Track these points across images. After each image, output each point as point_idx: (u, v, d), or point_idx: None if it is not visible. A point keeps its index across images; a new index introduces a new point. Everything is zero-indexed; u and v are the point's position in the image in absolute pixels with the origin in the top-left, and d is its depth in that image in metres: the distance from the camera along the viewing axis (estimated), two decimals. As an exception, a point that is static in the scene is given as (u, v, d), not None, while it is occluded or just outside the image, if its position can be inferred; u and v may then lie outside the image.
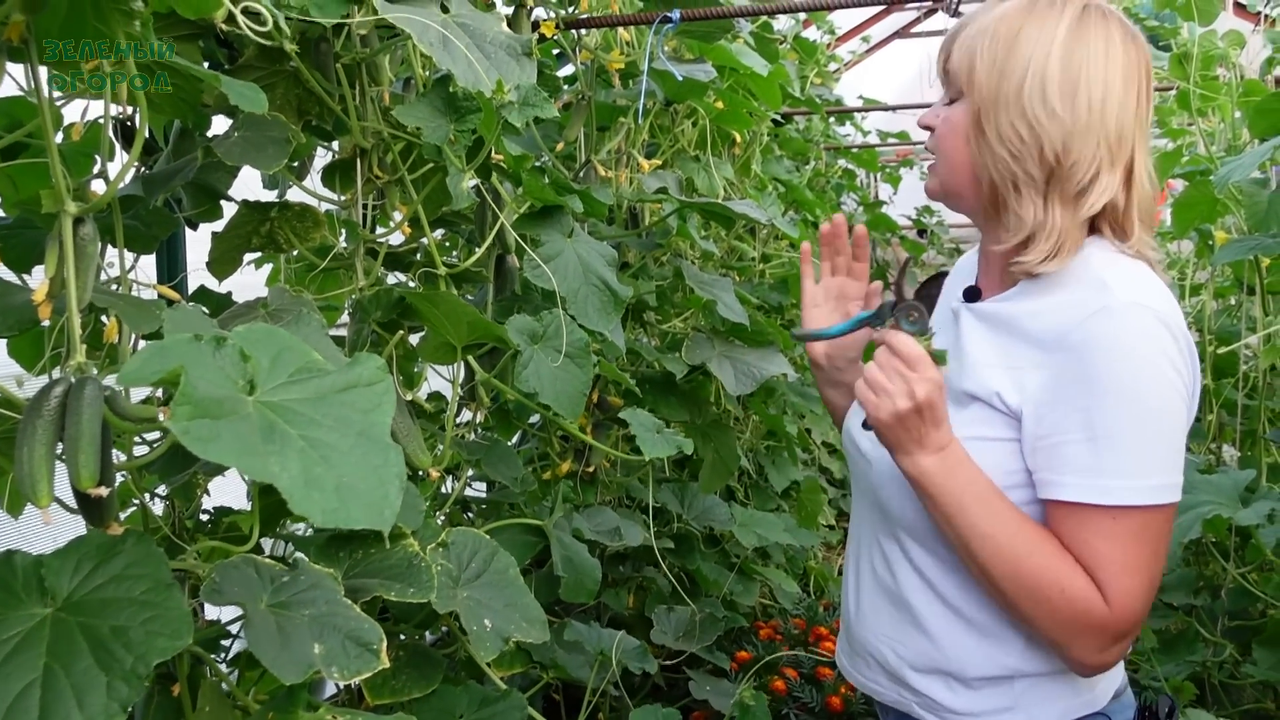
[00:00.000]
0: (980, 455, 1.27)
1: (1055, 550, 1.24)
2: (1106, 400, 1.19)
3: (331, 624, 1.12)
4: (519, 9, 1.96)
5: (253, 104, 1.21)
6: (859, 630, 1.46)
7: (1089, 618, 1.22)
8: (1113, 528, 1.21)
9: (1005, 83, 1.26)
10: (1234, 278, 2.44)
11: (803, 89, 4.08)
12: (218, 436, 0.84)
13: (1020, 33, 1.26)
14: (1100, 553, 1.21)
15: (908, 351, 1.23)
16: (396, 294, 1.51)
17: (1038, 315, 1.27)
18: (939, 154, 1.35)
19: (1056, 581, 1.22)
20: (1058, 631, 1.24)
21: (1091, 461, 1.20)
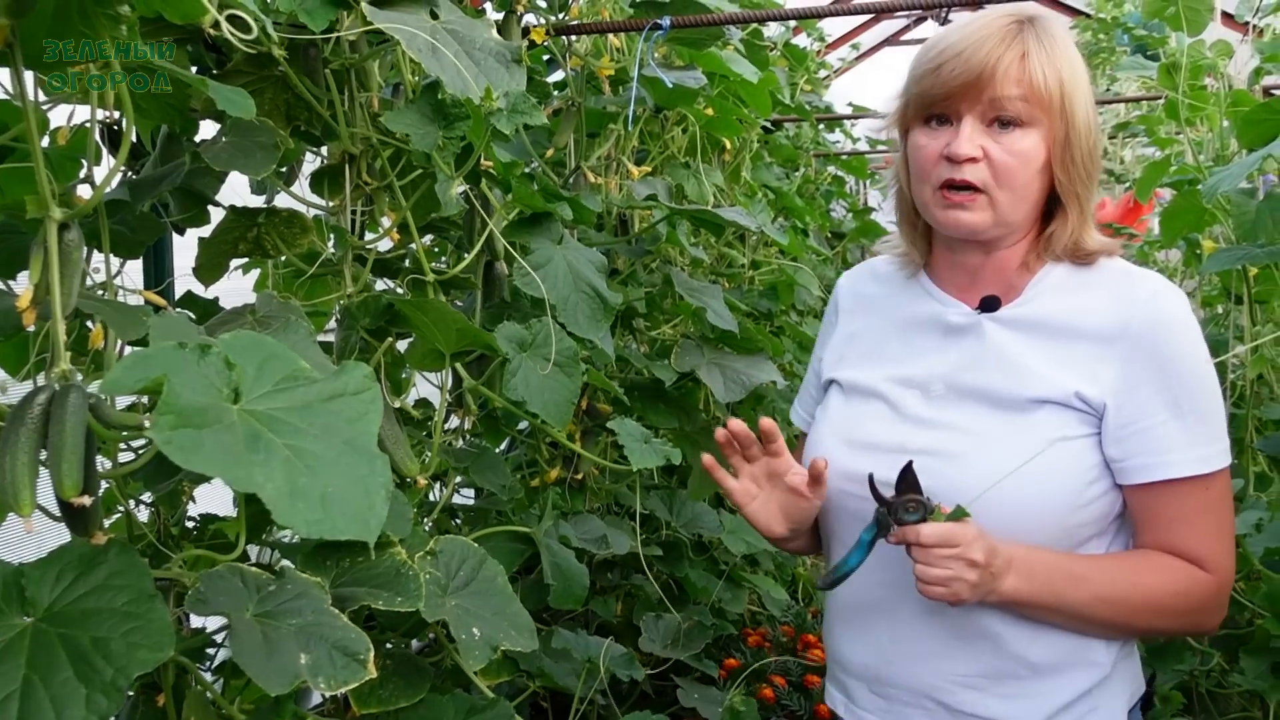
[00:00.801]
0: (1065, 457, 1.28)
1: (1147, 565, 1.30)
2: (1183, 376, 1.28)
3: (318, 634, 1.11)
4: (509, 15, 1.95)
5: (240, 109, 1.21)
6: (904, 678, 1.38)
7: (1204, 598, 1.30)
8: (1205, 497, 1.29)
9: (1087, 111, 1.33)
10: (1221, 287, 2.44)
11: (793, 96, 4.08)
12: (201, 446, 0.84)
13: (1071, 50, 1.33)
14: (1198, 526, 1.29)
15: (940, 537, 1.22)
16: (385, 301, 1.50)
17: (1090, 310, 1.32)
18: (1004, 187, 1.31)
19: (1169, 589, 1.29)
20: (1185, 626, 1.36)
21: (1185, 436, 1.27)
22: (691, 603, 2.76)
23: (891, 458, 1.29)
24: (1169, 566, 1.29)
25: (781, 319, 3.82)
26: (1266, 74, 2.51)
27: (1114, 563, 1.31)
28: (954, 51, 1.30)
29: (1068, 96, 1.29)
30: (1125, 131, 4.25)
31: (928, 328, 1.42)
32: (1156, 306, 1.29)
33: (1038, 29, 1.31)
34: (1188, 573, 1.28)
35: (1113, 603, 1.28)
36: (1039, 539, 1.28)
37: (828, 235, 5.31)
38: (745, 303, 3.11)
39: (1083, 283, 1.35)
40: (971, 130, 1.29)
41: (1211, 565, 1.29)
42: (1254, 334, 2.16)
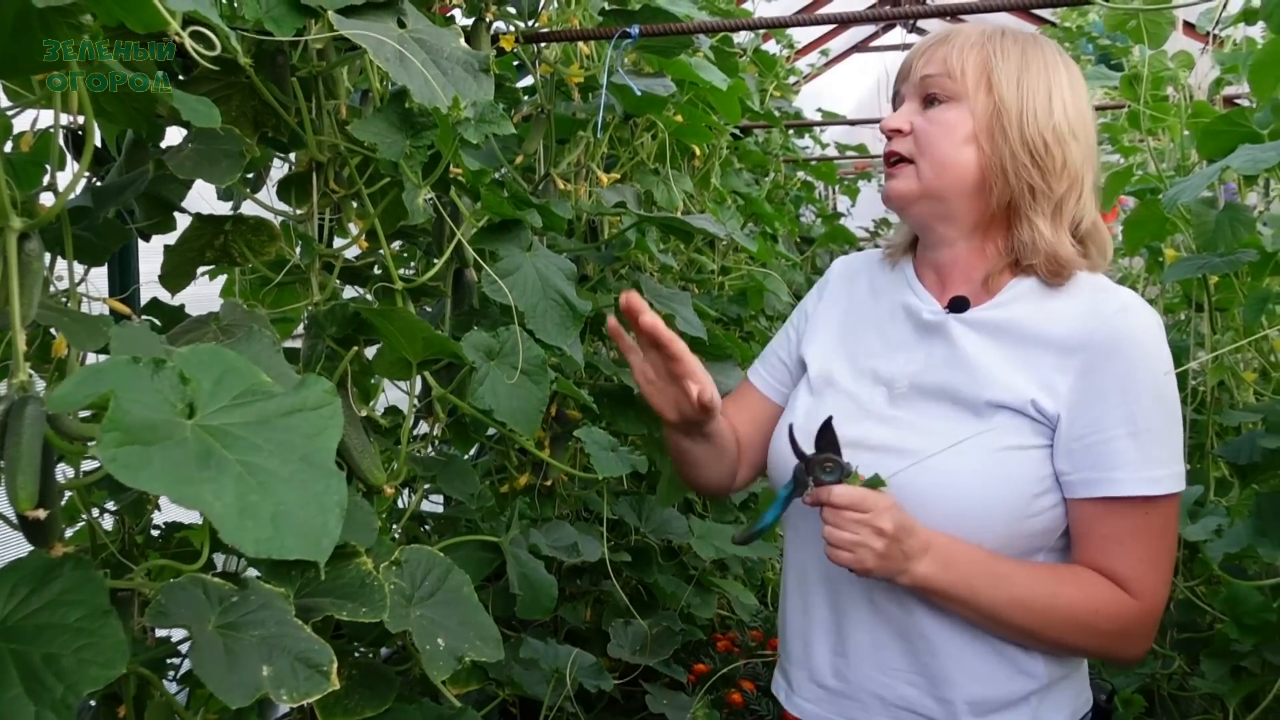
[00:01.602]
0: (1015, 464, 1.28)
1: (1071, 578, 1.29)
2: (1143, 394, 1.26)
3: (281, 645, 1.10)
4: (478, 22, 1.95)
5: (206, 119, 1.20)
6: (851, 672, 1.39)
7: (1126, 622, 1.27)
8: (1145, 521, 1.27)
9: (1030, 95, 1.34)
10: (1183, 294, 2.47)
11: (762, 102, 4.10)
12: (148, 464, 0.81)
13: (1027, 51, 1.36)
14: (1131, 549, 1.27)
15: (850, 500, 1.24)
16: (352, 309, 1.50)
17: (1056, 320, 1.32)
18: (925, 155, 1.37)
19: (1088, 606, 1.27)
20: (1103, 645, 1.30)
21: (1137, 455, 1.25)
22: (661, 608, 2.77)
23: (850, 451, 1.30)
24: (1094, 584, 1.28)
25: (751, 324, 3.83)
26: (1227, 84, 2.54)
27: (1039, 570, 1.30)
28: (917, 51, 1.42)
29: (994, 78, 1.34)
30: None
31: (902, 320, 1.44)
32: (1122, 321, 1.28)
33: (992, 32, 1.37)
34: (1112, 594, 1.27)
35: (1029, 609, 1.27)
36: (986, 545, 1.29)
37: (797, 240, 5.34)
38: (715, 308, 3.12)
39: (1053, 293, 1.35)
40: (906, 108, 1.39)
41: (1138, 591, 1.27)
42: (1214, 342, 2.19)
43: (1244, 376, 2.23)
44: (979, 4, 1.69)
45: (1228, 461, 2.00)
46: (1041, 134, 1.33)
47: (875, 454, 1.31)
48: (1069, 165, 1.34)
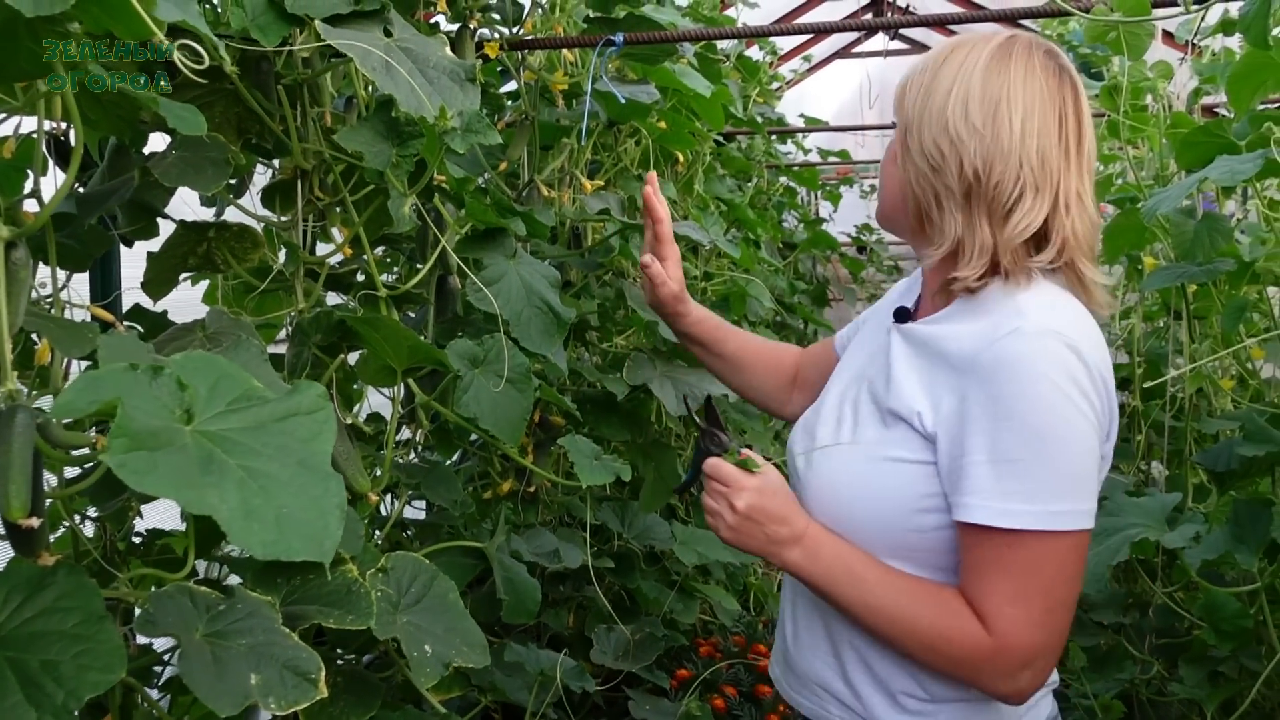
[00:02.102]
0: (894, 476, 1.29)
1: (929, 598, 1.27)
2: (1010, 422, 1.20)
3: (269, 653, 1.10)
4: (463, 29, 1.96)
5: (191, 127, 1.20)
6: (798, 659, 1.45)
7: (973, 654, 1.23)
8: (1009, 555, 1.21)
9: (930, 101, 1.32)
10: (1161, 302, 2.50)
11: (745, 108, 4.12)
12: (155, 469, 0.83)
13: (947, 58, 1.34)
14: (989, 582, 1.22)
15: (718, 474, 1.35)
16: (337, 317, 1.50)
17: (957, 338, 1.29)
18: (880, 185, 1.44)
19: (935, 628, 1.25)
20: (956, 672, 1.26)
21: (993, 484, 1.20)
22: (643, 614, 2.77)
23: (797, 435, 1.46)
24: (950, 610, 1.25)
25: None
26: (1205, 94, 2.57)
27: (901, 582, 1.29)
28: None
29: (910, 93, 1.35)
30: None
31: (883, 329, 1.48)
32: (1008, 345, 1.22)
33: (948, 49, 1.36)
34: (964, 624, 1.23)
35: (881, 616, 1.28)
36: (876, 553, 1.31)
37: (780, 246, 5.36)
38: (697, 314, 3.12)
39: (971, 310, 1.32)
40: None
41: (993, 627, 1.22)
42: (1191, 350, 2.22)
43: (1221, 384, 2.26)
44: (960, 15, 1.70)
45: (1206, 468, 2.02)
46: (935, 140, 1.30)
47: (803, 436, 1.44)
48: (964, 166, 1.28)
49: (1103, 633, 2.40)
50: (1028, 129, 1.28)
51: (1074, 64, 2.56)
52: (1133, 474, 2.85)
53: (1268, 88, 1.83)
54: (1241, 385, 2.31)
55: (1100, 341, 1.28)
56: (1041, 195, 1.28)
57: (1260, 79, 1.79)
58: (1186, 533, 1.78)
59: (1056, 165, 1.29)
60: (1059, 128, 1.29)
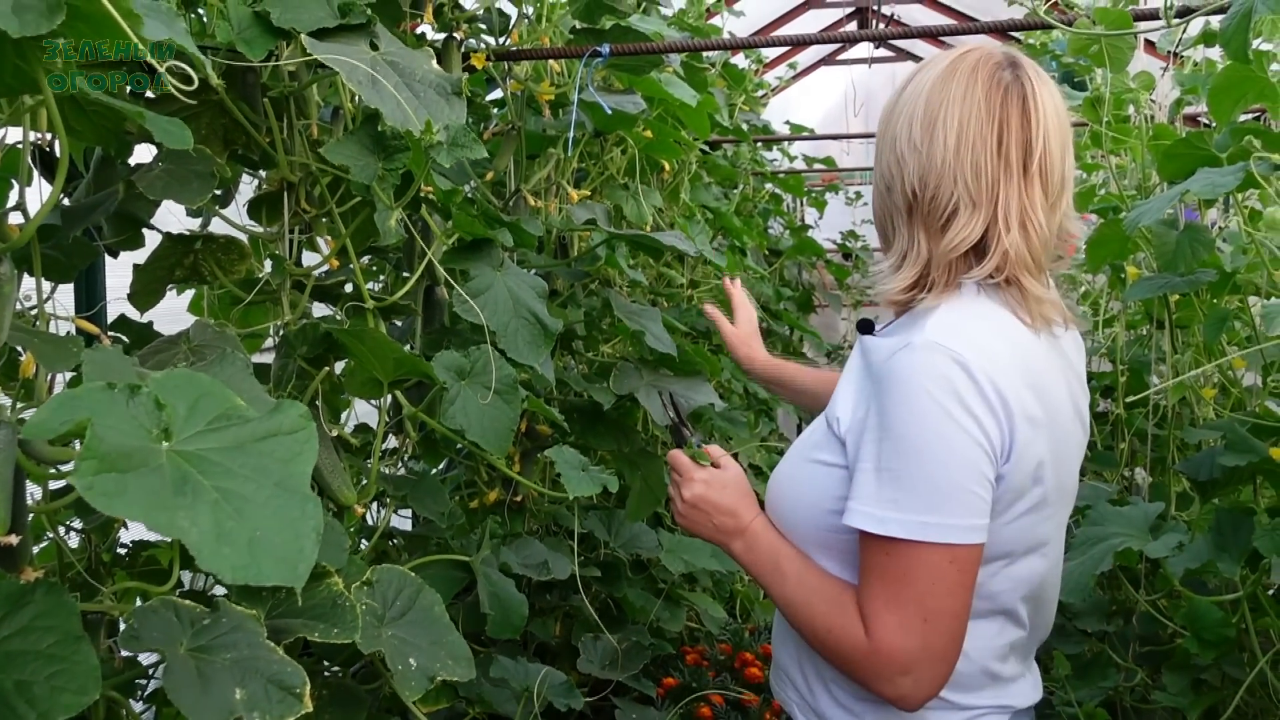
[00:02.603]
0: (810, 476, 1.38)
1: (828, 597, 1.32)
2: (891, 432, 1.25)
3: (254, 668, 1.10)
4: (449, 41, 1.96)
5: (177, 141, 1.20)
6: (775, 647, 1.54)
7: (852, 653, 1.27)
8: (885, 561, 1.25)
9: (887, 125, 1.37)
10: (1144, 311, 2.51)
11: (731, 116, 4.13)
12: (124, 491, 0.82)
13: (909, 81, 1.37)
14: (868, 584, 1.27)
15: (674, 464, 1.48)
16: (323, 330, 1.50)
17: (877, 350, 1.32)
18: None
19: (823, 622, 1.31)
20: (846, 670, 1.31)
21: (873, 490, 1.25)
22: (630, 622, 2.77)
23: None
24: (841, 607, 1.30)
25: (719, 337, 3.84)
26: (1187, 104, 2.59)
27: (812, 579, 1.35)
28: None
29: (879, 123, 1.40)
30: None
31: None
32: (897, 359, 1.27)
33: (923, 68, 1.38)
34: (848, 622, 1.28)
35: (790, 609, 1.36)
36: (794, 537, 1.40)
37: (765, 253, 5.36)
38: (684, 321, 3.13)
39: (906, 323, 1.37)
40: None
41: (870, 629, 1.26)
42: (1174, 361, 2.23)
43: (1203, 393, 2.27)
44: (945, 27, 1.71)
45: (1188, 477, 2.04)
46: (887, 161, 1.36)
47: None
48: (905, 184, 1.33)
49: (1087, 640, 2.41)
50: (962, 145, 1.30)
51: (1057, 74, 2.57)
52: (1117, 481, 2.87)
53: (1248, 100, 1.84)
54: (1223, 393, 2.32)
55: (1006, 361, 1.28)
56: (978, 210, 1.30)
57: (1241, 91, 1.80)
58: (1169, 542, 1.79)
59: (993, 180, 1.30)
60: (998, 143, 1.30)
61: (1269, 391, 2.10)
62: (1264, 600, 1.78)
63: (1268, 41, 1.81)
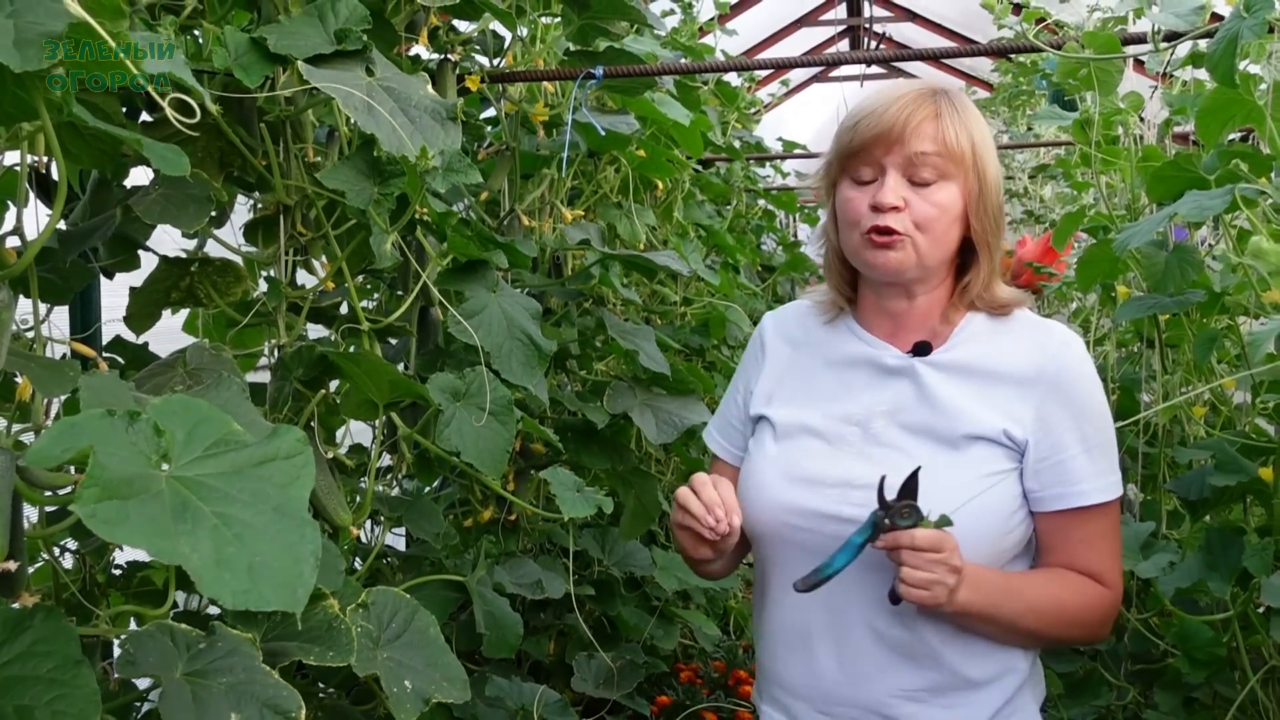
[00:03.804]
0: (995, 490, 1.40)
1: (1063, 581, 1.44)
2: (1088, 414, 1.44)
3: (249, 692, 1.11)
4: (444, 63, 1.97)
5: (175, 168, 1.21)
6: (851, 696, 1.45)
7: (1106, 611, 1.46)
8: (1105, 522, 1.45)
9: (994, 164, 1.46)
10: (1134, 330, 2.53)
11: (724, 133, 4.15)
12: (126, 518, 0.82)
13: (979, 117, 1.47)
14: (1100, 547, 1.45)
15: (932, 542, 1.32)
16: (319, 352, 1.51)
17: (1009, 357, 1.46)
18: (925, 233, 1.43)
19: (1081, 603, 1.44)
20: (1089, 636, 1.51)
21: (1094, 468, 1.42)
22: (624, 640, 2.78)
23: (838, 491, 1.42)
24: (1081, 583, 1.44)
25: (713, 354, 3.86)
26: (1176, 124, 2.61)
27: (1039, 578, 1.46)
28: (868, 110, 1.45)
29: (979, 155, 1.44)
30: (1044, 173, 4.39)
31: (860, 368, 1.52)
32: (1068, 354, 1.46)
33: (950, 96, 1.46)
34: (1094, 589, 1.44)
35: (1039, 614, 1.42)
36: (981, 561, 1.40)
37: (758, 269, 5.38)
38: (677, 339, 3.14)
39: (999, 331, 1.49)
40: (895, 183, 1.42)
41: (1110, 582, 1.45)
42: (1164, 380, 2.24)
43: (1193, 411, 2.28)
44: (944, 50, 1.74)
45: (1179, 496, 2.05)
46: (1000, 200, 1.47)
47: (868, 491, 1.37)
48: (1002, 214, 1.48)
49: (1079, 659, 2.41)
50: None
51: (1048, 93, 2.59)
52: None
53: (1235, 122, 1.86)
54: (1213, 411, 2.33)
55: None
56: None
57: (1228, 114, 1.82)
58: (1160, 561, 1.80)
59: None
60: None
61: (1258, 411, 2.11)
62: (1254, 619, 1.79)
63: (1254, 65, 1.83)
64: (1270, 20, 1.60)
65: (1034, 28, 2.04)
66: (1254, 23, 1.56)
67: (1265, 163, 1.69)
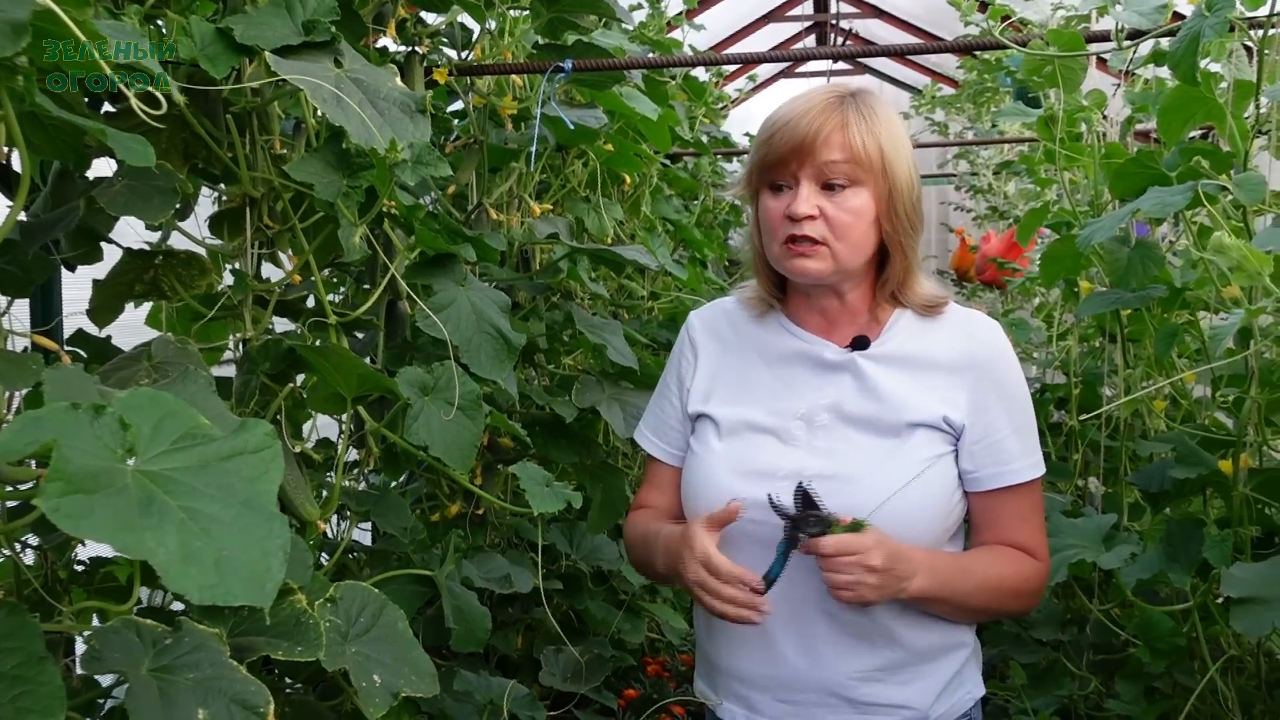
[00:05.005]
0: (938, 471, 1.49)
1: (1002, 557, 1.53)
2: (1014, 396, 1.54)
3: (216, 687, 1.10)
4: (411, 56, 1.96)
5: (140, 158, 1.19)
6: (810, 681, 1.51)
7: (1039, 582, 1.55)
8: (1034, 497, 1.56)
9: (908, 166, 1.50)
10: (1097, 325, 2.56)
11: (692, 128, 4.15)
12: (91, 513, 0.81)
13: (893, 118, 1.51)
14: (1030, 521, 1.55)
15: (838, 547, 1.38)
16: (286, 345, 1.50)
17: (940, 347, 1.54)
18: (841, 239, 1.49)
19: (1020, 575, 1.53)
20: (1023, 607, 1.60)
21: (1022, 447, 1.53)
22: (591, 634, 2.78)
23: (789, 483, 1.44)
24: (1017, 558, 1.54)
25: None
26: (1138, 121, 2.64)
27: (984, 555, 1.54)
28: (782, 123, 1.51)
29: (888, 159, 1.48)
30: (1008, 169, 4.42)
31: (800, 363, 1.58)
32: (994, 340, 1.56)
33: (858, 101, 1.50)
34: (1028, 562, 1.54)
35: (988, 590, 1.51)
36: (923, 543, 1.48)
37: (725, 264, 5.39)
38: (645, 333, 3.14)
39: (928, 324, 1.58)
40: (808, 192, 1.48)
41: (1040, 555, 1.56)
42: (1126, 374, 2.27)
43: (1154, 405, 2.32)
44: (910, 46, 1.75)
45: (1140, 488, 2.07)
46: (914, 199, 1.53)
47: (819, 482, 1.44)
48: (921, 211, 1.54)
49: (1042, 650, 2.45)
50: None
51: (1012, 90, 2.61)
52: (1070, 491, 2.91)
53: (1196, 120, 1.89)
54: (1174, 405, 2.37)
55: None
56: None
57: (1189, 112, 1.84)
58: (1122, 553, 1.82)
59: None
60: None
61: (1218, 404, 2.15)
62: (1214, 609, 1.82)
63: (1215, 63, 1.85)
64: (1231, 19, 1.62)
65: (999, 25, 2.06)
66: (1215, 21, 1.59)
67: (1225, 160, 1.72)
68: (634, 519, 1.71)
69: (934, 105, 6.93)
